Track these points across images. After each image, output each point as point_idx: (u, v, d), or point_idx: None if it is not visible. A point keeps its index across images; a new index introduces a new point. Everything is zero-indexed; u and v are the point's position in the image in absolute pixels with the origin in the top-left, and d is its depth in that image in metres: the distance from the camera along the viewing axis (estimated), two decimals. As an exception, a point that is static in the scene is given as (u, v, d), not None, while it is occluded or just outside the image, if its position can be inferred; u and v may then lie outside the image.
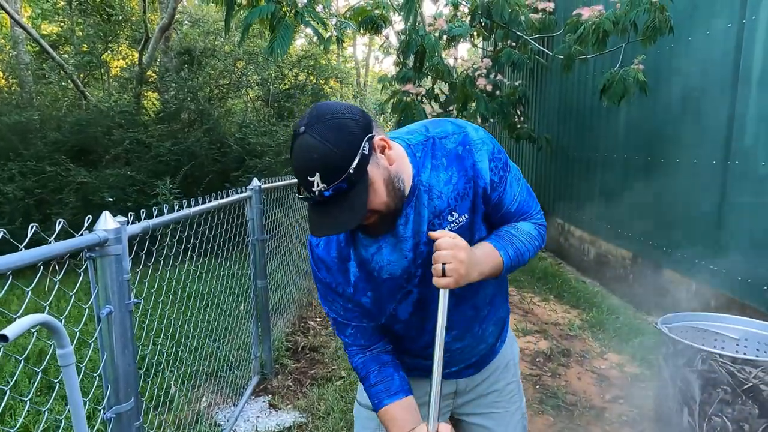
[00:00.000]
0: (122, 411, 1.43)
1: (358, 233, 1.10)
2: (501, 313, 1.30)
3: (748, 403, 1.78)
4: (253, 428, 2.66)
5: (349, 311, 1.18)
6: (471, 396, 1.35)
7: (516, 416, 1.39)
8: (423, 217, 1.07)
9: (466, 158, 1.07)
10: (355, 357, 1.21)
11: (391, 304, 1.14)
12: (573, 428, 2.66)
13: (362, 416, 1.38)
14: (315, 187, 0.92)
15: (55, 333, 1.13)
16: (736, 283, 3.39)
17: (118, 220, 1.41)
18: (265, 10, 2.76)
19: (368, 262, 1.10)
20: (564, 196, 6.60)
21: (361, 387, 1.39)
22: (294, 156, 0.94)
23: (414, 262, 1.09)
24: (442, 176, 1.07)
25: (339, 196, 0.93)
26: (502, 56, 4.92)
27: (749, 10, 3.32)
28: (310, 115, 0.94)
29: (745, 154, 3.34)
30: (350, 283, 1.13)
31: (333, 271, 1.14)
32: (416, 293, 1.13)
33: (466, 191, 1.08)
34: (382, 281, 1.11)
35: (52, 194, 6.16)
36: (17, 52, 9.75)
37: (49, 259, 1.15)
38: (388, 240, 1.08)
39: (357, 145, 0.92)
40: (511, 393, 1.39)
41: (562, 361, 3.48)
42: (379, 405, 1.16)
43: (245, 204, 3.02)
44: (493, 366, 1.36)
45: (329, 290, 1.17)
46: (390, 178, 0.99)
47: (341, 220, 0.94)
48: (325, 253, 1.14)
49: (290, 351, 3.63)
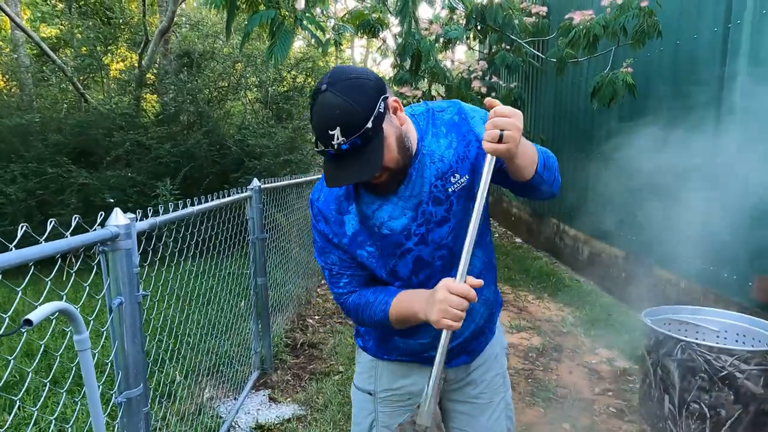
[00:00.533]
0: (132, 396, 1.52)
1: (361, 191, 1.19)
2: (488, 293, 1.35)
3: (724, 390, 1.88)
4: (253, 420, 2.75)
5: (344, 262, 1.25)
6: (459, 384, 1.42)
7: (500, 406, 1.45)
8: (425, 179, 1.16)
9: (462, 125, 1.19)
10: (349, 299, 1.26)
11: (391, 259, 1.22)
12: (562, 419, 2.76)
13: (359, 399, 1.45)
14: (335, 140, 1.00)
15: (72, 320, 1.22)
16: (722, 279, 3.49)
17: (128, 217, 1.50)
18: (265, 16, 2.86)
19: (369, 218, 1.19)
20: (559, 195, 6.70)
21: (357, 371, 1.47)
22: (316, 111, 1.02)
23: (414, 220, 1.18)
24: (442, 142, 1.18)
25: (356, 150, 1.01)
26: (496, 59, 5.03)
27: (734, 14, 3.43)
28: (332, 75, 1.03)
29: (732, 155, 3.44)
30: (346, 235, 1.21)
31: (331, 223, 1.22)
32: (416, 251, 1.20)
33: (465, 154, 1.18)
34: (382, 236, 1.19)
35: (53, 195, 6.24)
36: (17, 55, 9.83)
37: (66, 251, 1.24)
38: (391, 198, 1.17)
39: (374, 103, 1.02)
40: (498, 384, 1.46)
41: (554, 356, 3.58)
42: (386, 307, 1.18)
43: (245, 203, 3.12)
44: (484, 357, 1.42)
45: (326, 242, 1.25)
46: (401, 136, 1.10)
47: (358, 171, 1.02)
48: (325, 206, 1.23)
49: (289, 347, 3.72)
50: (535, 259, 6.72)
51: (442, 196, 1.18)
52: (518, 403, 2.94)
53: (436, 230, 1.19)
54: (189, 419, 2.52)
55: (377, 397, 1.41)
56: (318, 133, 1.02)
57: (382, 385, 1.40)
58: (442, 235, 1.20)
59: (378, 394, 1.41)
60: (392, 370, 1.38)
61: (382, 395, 1.40)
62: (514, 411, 2.75)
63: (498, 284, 4.28)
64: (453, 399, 1.43)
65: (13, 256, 1.05)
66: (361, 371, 1.45)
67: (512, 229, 9.00)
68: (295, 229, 4.85)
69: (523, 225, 8.29)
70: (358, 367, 1.47)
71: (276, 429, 2.68)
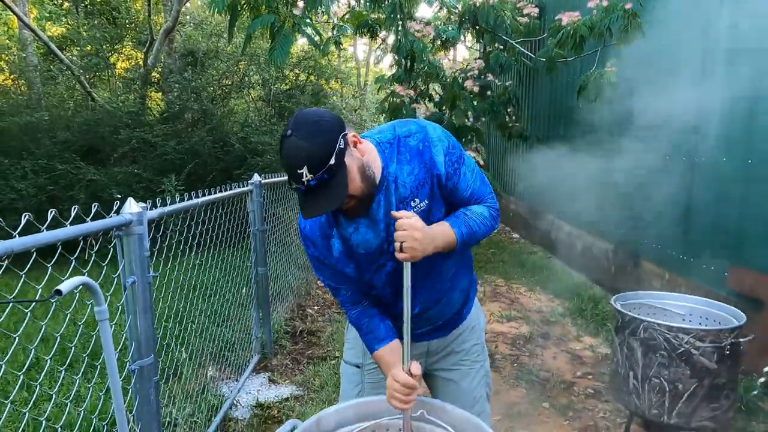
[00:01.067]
0: (144, 365, 1.71)
1: (339, 217, 1.36)
2: (464, 284, 1.53)
3: (682, 366, 2.05)
4: (254, 399, 2.94)
5: (336, 277, 1.44)
6: (441, 354, 1.59)
7: (480, 372, 1.63)
8: (391, 203, 1.31)
9: (425, 153, 1.30)
10: (351, 312, 1.46)
11: (368, 274, 1.40)
12: (543, 399, 2.94)
13: (347, 372, 1.62)
14: (304, 178, 1.13)
15: (93, 293, 1.41)
16: (702, 271, 3.65)
17: (140, 206, 1.68)
18: (266, 20, 3.03)
19: (348, 239, 1.36)
20: (554, 191, 6.86)
21: (346, 348, 1.66)
22: (284, 154, 1.16)
23: (386, 240, 1.34)
24: (405, 169, 1.30)
25: (323, 184, 1.15)
26: (491, 59, 5.19)
27: (713, 14, 3.58)
28: (294, 122, 1.18)
29: (708, 151, 3.60)
30: (333, 257, 1.39)
31: (318, 247, 1.40)
32: (389, 266, 1.38)
33: (425, 180, 1.30)
34: (360, 255, 1.37)
35: (63, 191, 6.45)
36: (26, 54, 10.05)
37: (88, 233, 1.43)
38: (363, 222, 1.34)
39: (334, 141, 1.16)
40: (476, 353, 1.63)
41: (540, 343, 3.76)
42: (371, 350, 1.42)
43: (247, 197, 3.30)
44: (461, 329, 1.59)
45: (318, 262, 1.44)
46: (363, 167, 1.23)
47: (326, 202, 1.16)
48: (312, 233, 1.40)
49: (289, 334, 3.91)
50: (530, 253, 6.90)
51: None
52: (502, 384, 3.13)
53: None
54: (194, 397, 2.72)
55: (364, 370, 1.58)
56: (289, 173, 1.16)
57: (368, 357, 1.55)
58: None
59: (365, 367, 1.58)
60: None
61: (369, 367, 1.57)
62: (500, 393, 2.94)
63: (492, 277, 4.50)
64: (437, 368, 1.61)
65: (48, 235, 1.24)
66: (350, 347, 1.62)
67: (510, 225, 9.17)
68: (294, 223, 5.03)
69: (521, 221, 8.45)
70: (347, 343, 1.65)
71: (275, 407, 2.87)
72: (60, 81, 9.88)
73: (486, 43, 5.43)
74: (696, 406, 2.07)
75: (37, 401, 2.74)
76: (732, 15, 3.41)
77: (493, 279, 5.55)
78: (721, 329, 2.03)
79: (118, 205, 1.65)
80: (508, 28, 4.71)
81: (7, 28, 13.81)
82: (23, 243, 1.17)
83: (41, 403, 2.74)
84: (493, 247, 7.24)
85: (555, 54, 4.32)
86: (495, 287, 5.26)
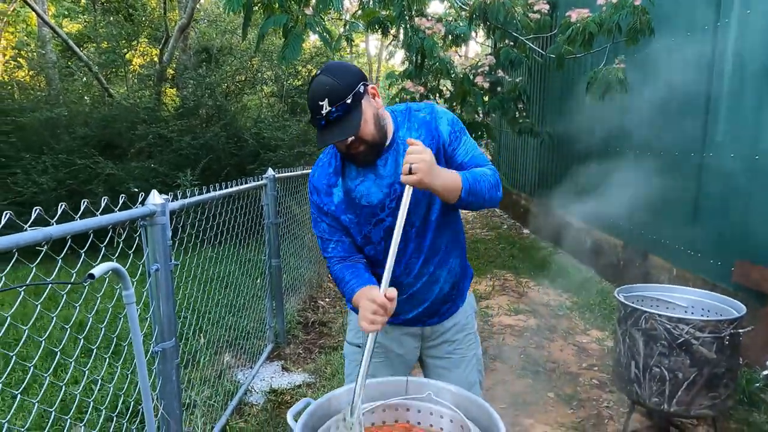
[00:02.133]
0: (166, 347, 1.82)
1: (347, 169, 1.48)
2: (454, 265, 1.59)
3: (682, 355, 2.11)
4: (267, 386, 3.05)
5: (332, 228, 1.53)
6: (436, 342, 1.66)
7: (472, 361, 1.70)
8: (398, 164, 1.43)
9: (431, 122, 1.48)
10: (335, 266, 1.52)
11: (367, 227, 1.49)
12: (548, 389, 3.01)
13: (350, 352, 1.71)
14: (323, 110, 1.28)
15: (122, 278, 1.52)
16: (709, 266, 3.69)
17: (163, 197, 1.79)
18: (278, 20, 3.12)
19: (352, 190, 1.47)
20: (564, 187, 6.89)
21: (348, 329, 1.74)
22: (311, 89, 1.31)
23: (388, 196, 1.45)
24: (413, 135, 1.46)
25: (339, 119, 1.30)
26: (501, 55, 5.23)
27: (722, 13, 3.60)
28: (325, 66, 1.36)
29: (717, 147, 3.63)
30: (334, 204, 1.50)
31: (321, 194, 1.51)
32: (388, 222, 1.47)
33: (430, 146, 1.43)
34: (361, 207, 1.47)
35: (82, 185, 6.61)
36: (45, 51, 10.27)
37: (117, 222, 1.54)
38: (369, 176, 1.46)
39: (355, 83, 1.32)
40: (469, 342, 1.70)
41: (548, 336, 3.82)
42: (352, 293, 1.42)
43: (261, 191, 3.41)
44: (456, 319, 1.66)
45: (318, 211, 1.54)
46: (377, 116, 1.39)
47: (340, 132, 1.31)
48: (318, 181, 1.53)
49: (301, 324, 4.02)
50: (540, 248, 6.94)
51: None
52: (509, 375, 3.20)
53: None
54: (212, 381, 2.83)
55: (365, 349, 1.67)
56: (311, 105, 1.31)
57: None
58: (410, 210, 1.45)
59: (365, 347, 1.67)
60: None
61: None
62: (507, 383, 3.02)
63: (501, 271, 4.58)
64: (431, 355, 1.69)
65: (81, 224, 1.35)
66: (352, 328, 1.71)
67: (520, 220, 9.20)
68: (308, 218, 5.14)
69: (531, 216, 8.49)
70: (349, 325, 1.74)
71: (287, 393, 2.98)
72: (78, 77, 10.08)
73: (496, 40, 5.47)
74: (695, 394, 2.13)
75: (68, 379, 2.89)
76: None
77: (502, 273, 5.62)
78: (720, 320, 2.09)
79: (142, 198, 1.76)
80: (519, 24, 4.75)
81: (26, 25, 14.09)
82: (61, 230, 1.27)
83: (71, 381, 2.89)
84: (503, 242, 7.30)
85: (564, 50, 4.35)
86: (504, 281, 5.32)
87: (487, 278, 5.38)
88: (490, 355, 3.47)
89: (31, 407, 2.54)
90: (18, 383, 2.88)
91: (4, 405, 2.72)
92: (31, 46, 12.06)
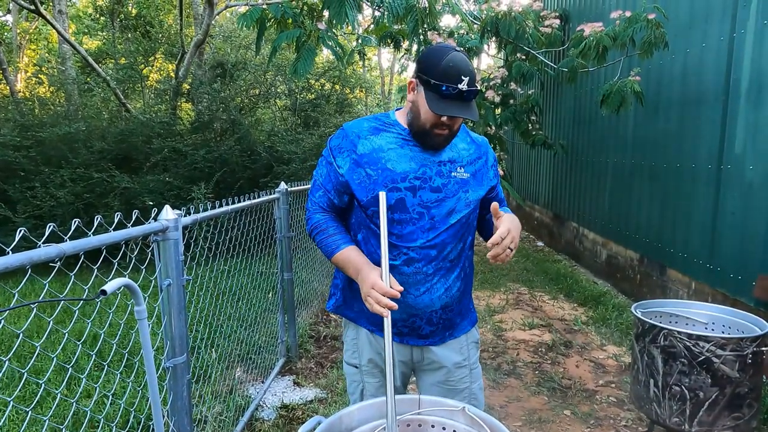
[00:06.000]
0: (178, 363, 1.81)
1: (385, 134, 1.49)
2: (468, 269, 1.59)
3: (702, 374, 2.06)
4: (279, 401, 3.03)
5: (330, 176, 1.51)
6: (430, 367, 1.61)
7: (463, 393, 1.62)
8: (441, 153, 1.49)
9: (482, 146, 1.61)
10: (316, 214, 1.55)
11: (381, 188, 1.45)
12: (564, 407, 2.95)
13: (349, 372, 1.68)
14: (462, 85, 1.31)
15: (134, 293, 1.51)
16: (729, 280, 3.61)
17: (175, 213, 1.79)
18: (291, 35, 3.15)
19: (383, 150, 1.47)
20: (578, 200, 6.83)
21: (344, 349, 1.70)
22: (454, 60, 1.32)
23: (415, 172, 1.45)
24: (462, 144, 1.56)
25: (467, 100, 1.35)
26: (513, 68, 5.23)
27: (738, 24, 3.56)
28: (454, 47, 1.38)
29: (736, 159, 3.57)
30: (355, 152, 1.47)
31: (347, 139, 1.50)
32: (402, 194, 1.44)
33: (475, 161, 1.55)
34: (383, 168, 1.45)
35: (98, 198, 6.71)
36: (65, 67, 10.50)
37: (130, 238, 1.54)
38: (406, 149, 1.47)
39: None
40: (462, 375, 1.62)
41: (563, 351, 3.75)
42: (336, 249, 1.47)
43: (273, 205, 3.42)
44: (451, 347, 1.60)
45: (331, 153, 1.52)
46: None
47: (468, 112, 1.35)
48: (351, 127, 1.52)
49: (313, 338, 4.00)
50: (554, 261, 6.86)
51: (445, 172, 1.48)
52: (523, 391, 3.14)
53: (428, 193, 1.46)
54: (223, 397, 2.82)
55: (362, 370, 1.64)
56: (452, 72, 1.31)
57: (363, 358, 1.63)
58: (431, 199, 1.46)
59: (362, 367, 1.64)
60: (370, 342, 1.60)
61: (365, 368, 1.63)
62: (522, 400, 2.96)
63: (515, 285, 4.55)
64: (425, 378, 1.65)
65: (95, 240, 1.35)
66: (347, 348, 1.69)
67: (534, 233, 9.12)
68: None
69: (545, 229, 8.41)
70: (345, 345, 1.70)
71: (299, 409, 2.95)
72: (96, 93, 10.29)
73: (508, 53, 5.48)
74: (717, 414, 2.06)
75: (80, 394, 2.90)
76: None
77: (516, 287, 5.55)
78: (742, 337, 2.03)
79: (155, 213, 1.77)
80: (530, 39, 4.75)
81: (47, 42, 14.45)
82: (75, 246, 1.27)
83: (83, 395, 2.89)
84: (517, 255, 7.23)
85: (577, 64, 4.33)
86: (518, 295, 5.26)
87: (501, 292, 5.32)
88: (503, 371, 3.42)
89: (42, 422, 2.55)
90: (31, 397, 2.89)
91: (18, 419, 2.74)
92: (52, 62, 12.36)
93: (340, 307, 1.66)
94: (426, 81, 1.35)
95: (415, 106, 1.43)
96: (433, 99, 1.35)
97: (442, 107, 1.33)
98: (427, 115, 1.39)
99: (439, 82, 1.32)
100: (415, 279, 1.48)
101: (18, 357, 3.39)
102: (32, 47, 15.82)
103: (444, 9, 4.81)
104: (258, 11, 3.42)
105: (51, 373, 3.08)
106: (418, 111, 1.42)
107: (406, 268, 1.47)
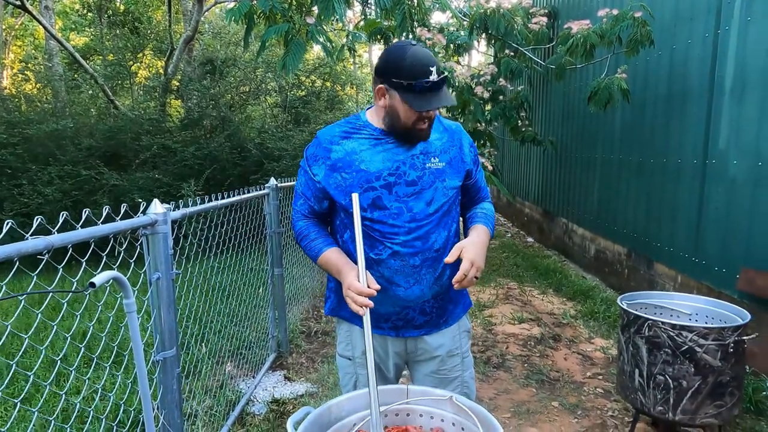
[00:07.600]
0: (167, 356, 1.82)
1: (357, 136, 1.51)
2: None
3: (685, 363, 2.10)
4: (270, 395, 3.04)
5: (308, 183, 1.55)
6: (422, 357, 1.64)
7: (455, 382, 1.67)
8: (414, 147, 1.50)
9: (455, 134, 1.60)
10: (299, 221, 1.60)
11: (357, 190, 1.47)
12: (552, 398, 2.99)
13: (342, 365, 1.70)
14: (431, 76, 1.35)
15: (122, 286, 1.52)
16: (713, 273, 3.67)
17: (164, 206, 1.80)
18: (280, 29, 3.15)
19: (356, 153, 1.50)
20: (568, 196, 6.89)
21: (338, 341, 1.72)
22: (416, 55, 1.36)
23: (389, 170, 1.47)
24: (436, 134, 1.56)
25: (439, 88, 1.39)
26: (501, 65, 5.26)
27: (723, 21, 3.62)
28: (408, 41, 1.42)
29: (720, 154, 3.63)
30: (329, 158, 1.50)
31: (320, 147, 1.53)
32: (378, 192, 1.47)
33: (449, 149, 1.56)
34: (358, 170, 1.48)
35: (86, 196, 6.67)
36: (52, 64, 10.39)
37: (117, 232, 1.55)
38: (378, 148, 1.49)
39: None
40: (454, 364, 1.66)
41: (552, 345, 3.80)
42: (319, 252, 1.52)
43: (263, 200, 3.42)
44: (444, 337, 1.63)
45: (307, 162, 1.56)
46: None
47: (446, 99, 1.40)
48: (323, 135, 1.55)
49: (304, 334, 4.01)
50: (544, 257, 6.92)
51: (419, 164, 1.50)
52: (512, 384, 3.18)
53: (403, 187, 1.48)
54: (213, 392, 2.83)
55: (355, 362, 1.67)
56: (418, 68, 1.35)
57: (357, 351, 1.65)
58: (407, 193, 1.48)
59: (356, 359, 1.66)
60: (363, 335, 1.61)
61: (359, 360, 1.66)
62: (510, 392, 3.00)
63: (505, 280, 4.58)
64: (418, 368, 1.68)
65: (84, 232, 1.36)
66: (341, 341, 1.71)
67: (524, 229, 9.19)
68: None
69: (535, 225, 8.47)
70: (338, 338, 1.72)
71: (290, 403, 2.96)
72: (84, 89, 10.20)
73: (497, 50, 5.51)
74: (700, 402, 2.11)
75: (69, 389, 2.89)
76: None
77: (506, 282, 5.59)
78: (724, 327, 2.07)
79: (144, 207, 1.77)
80: (518, 36, 4.78)
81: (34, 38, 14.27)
82: (63, 239, 1.28)
83: (72, 390, 2.89)
84: (507, 251, 7.28)
85: (565, 61, 4.37)
86: (508, 290, 5.30)
87: (491, 287, 5.36)
88: (493, 365, 3.45)
89: (31, 417, 2.54)
90: (20, 392, 2.88)
91: (6, 415, 2.72)
92: (39, 59, 12.22)
93: (335, 309, 1.69)
94: (397, 84, 1.38)
95: (392, 110, 1.44)
96: (410, 98, 1.38)
97: (420, 104, 1.37)
98: (408, 114, 1.42)
99: (411, 81, 1.36)
100: (403, 271, 1.51)
101: (6, 354, 3.37)
102: (18, 43, 15.62)
103: (434, 5, 4.82)
104: (246, 6, 3.41)
105: (39, 368, 3.07)
106: (397, 113, 1.44)
107: (392, 262, 1.50)
